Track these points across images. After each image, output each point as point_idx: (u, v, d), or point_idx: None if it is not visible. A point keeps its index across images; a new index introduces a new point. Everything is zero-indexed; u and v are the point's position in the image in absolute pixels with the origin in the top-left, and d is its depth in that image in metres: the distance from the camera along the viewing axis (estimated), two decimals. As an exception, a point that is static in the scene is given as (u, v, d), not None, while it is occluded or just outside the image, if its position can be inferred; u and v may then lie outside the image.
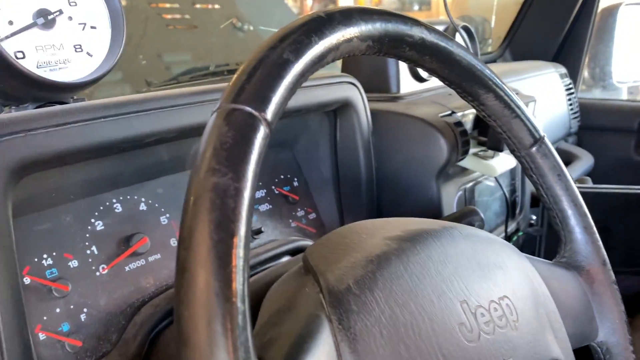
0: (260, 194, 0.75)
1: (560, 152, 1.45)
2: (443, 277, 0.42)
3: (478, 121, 0.89)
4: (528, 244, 1.12)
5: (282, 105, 0.34)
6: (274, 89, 0.33)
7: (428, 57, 0.47)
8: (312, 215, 0.81)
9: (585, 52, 1.74)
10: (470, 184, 0.89)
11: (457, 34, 0.94)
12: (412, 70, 0.92)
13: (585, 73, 1.81)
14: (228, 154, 0.30)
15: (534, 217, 1.14)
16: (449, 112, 0.85)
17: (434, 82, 0.96)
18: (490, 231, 0.97)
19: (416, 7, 4.60)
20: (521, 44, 1.78)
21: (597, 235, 0.62)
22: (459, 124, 0.82)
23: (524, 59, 1.71)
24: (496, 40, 1.88)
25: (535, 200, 1.15)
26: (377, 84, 0.90)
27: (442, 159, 0.79)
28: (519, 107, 0.57)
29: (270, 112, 0.32)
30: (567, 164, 1.47)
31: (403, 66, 0.90)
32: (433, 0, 4.66)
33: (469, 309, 0.42)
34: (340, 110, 0.78)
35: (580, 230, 0.61)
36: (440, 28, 0.94)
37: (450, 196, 0.84)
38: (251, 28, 1.87)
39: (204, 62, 1.54)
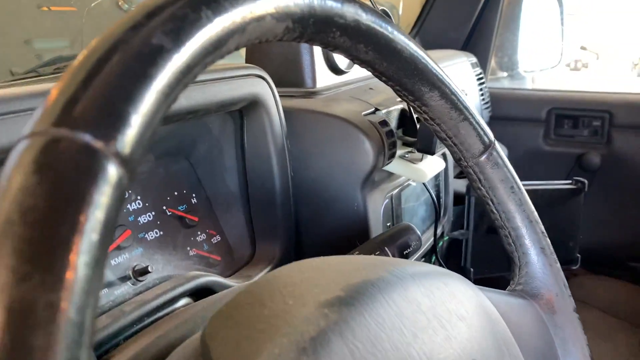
0: (146, 218, 0.59)
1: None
2: (402, 352, 0.30)
3: (403, 119, 0.78)
4: (453, 249, 1.05)
5: (151, 125, 0.20)
6: (134, 99, 0.19)
7: (363, 45, 0.35)
8: (216, 239, 0.66)
9: (494, 41, 1.71)
10: (396, 190, 0.79)
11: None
12: (328, 60, 0.79)
13: (493, 62, 1.79)
14: (37, 238, 0.15)
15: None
16: (372, 109, 0.73)
17: (352, 74, 0.84)
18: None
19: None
20: (430, 32, 1.72)
21: (555, 256, 0.53)
22: (384, 123, 0.71)
23: (434, 47, 1.65)
24: (405, 28, 1.81)
25: (458, 199, 1.08)
26: (289, 77, 0.76)
27: (368, 165, 0.68)
28: (467, 109, 0.46)
29: (127, 142, 0.18)
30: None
31: (318, 55, 0.77)
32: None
33: None
34: (247, 109, 0.64)
35: (537, 252, 0.53)
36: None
37: (377, 206, 0.73)
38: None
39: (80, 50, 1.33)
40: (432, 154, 0.73)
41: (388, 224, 0.76)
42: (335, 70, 0.80)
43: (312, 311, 0.30)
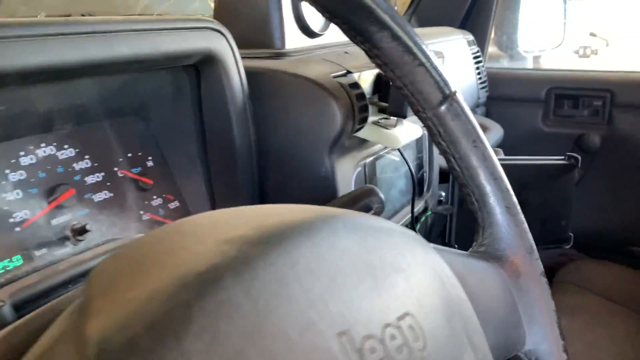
0: (95, 178, 0.56)
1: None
2: (311, 298, 0.26)
3: (378, 84, 0.74)
4: (437, 225, 1.01)
5: None
6: None
7: None
8: (174, 204, 0.63)
9: (492, 20, 1.66)
10: (371, 158, 0.75)
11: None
12: (300, 20, 0.75)
13: (492, 45, 1.74)
14: None
15: (443, 194, 1.03)
16: (344, 71, 0.70)
17: (327, 38, 0.80)
18: (395, 212, 0.83)
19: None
20: (427, 9, 1.68)
21: (522, 217, 0.50)
22: (355, 85, 0.67)
23: (431, 25, 1.60)
24: (401, 6, 1.76)
25: (445, 176, 1.04)
26: (257, 38, 0.73)
27: (335, 129, 0.64)
28: (423, 53, 0.43)
29: None
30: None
31: (288, 15, 0.73)
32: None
33: (352, 345, 0.27)
34: (202, 65, 0.60)
35: (502, 211, 0.49)
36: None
37: (347, 174, 0.69)
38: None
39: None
40: (404, 116, 0.69)
41: (360, 193, 0.72)
42: (308, 32, 0.76)
43: (209, 247, 0.26)
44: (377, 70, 0.74)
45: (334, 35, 0.81)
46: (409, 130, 0.73)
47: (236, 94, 0.62)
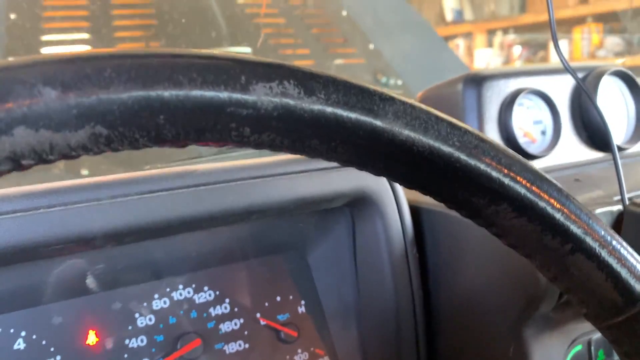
0: (230, 325, 0.52)
1: None
2: None
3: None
4: None
5: None
6: None
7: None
8: (323, 361, 0.54)
9: None
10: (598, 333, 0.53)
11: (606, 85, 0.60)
12: (510, 142, 0.60)
13: None
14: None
15: None
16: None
17: (550, 160, 0.62)
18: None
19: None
20: None
21: None
22: None
23: None
24: None
25: None
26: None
27: (535, 288, 0.46)
28: (586, 230, 0.27)
29: None
30: None
31: (492, 134, 0.58)
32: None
33: None
34: (353, 207, 0.51)
35: None
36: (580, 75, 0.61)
37: (554, 356, 0.49)
38: (399, 83, 1.64)
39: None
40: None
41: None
42: (522, 153, 0.59)
43: None
44: (617, 206, 0.53)
45: (563, 155, 0.62)
46: None
47: (394, 240, 0.50)
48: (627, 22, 3.36)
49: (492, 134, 0.59)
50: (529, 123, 0.61)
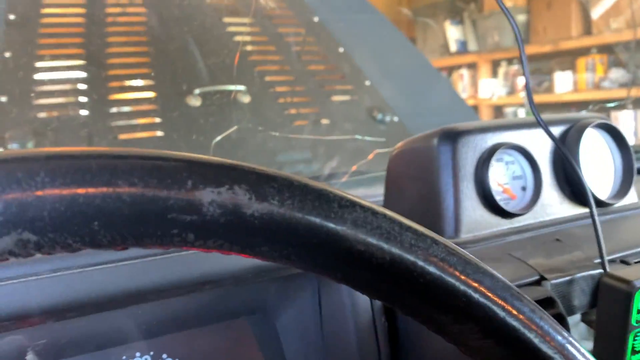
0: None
1: None
2: None
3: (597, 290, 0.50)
4: None
5: None
6: None
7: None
8: None
9: None
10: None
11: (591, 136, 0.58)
12: (487, 199, 0.57)
13: None
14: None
15: None
16: (535, 277, 0.49)
17: (533, 216, 0.59)
18: None
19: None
20: None
21: None
22: (548, 301, 0.46)
23: None
24: None
25: None
26: (424, 221, 0.58)
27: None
28: None
29: None
30: None
31: (468, 190, 0.56)
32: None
33: None
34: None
35: None
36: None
37: None
38: (396, 119, 1.62)
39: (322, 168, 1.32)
40: None
41: None
42: (499, 212, 0.57)
43: None
44: (597, 270, 0.50)
45: (545, 212, 0.60)
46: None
47: (361, 308, 0.48)
48: (631, 53, 3.35)
49: (469, 191, 0.56)
50: (508, 179, 0.59)
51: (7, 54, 1.23)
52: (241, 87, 1.42)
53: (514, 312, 0.22)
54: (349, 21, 1.76)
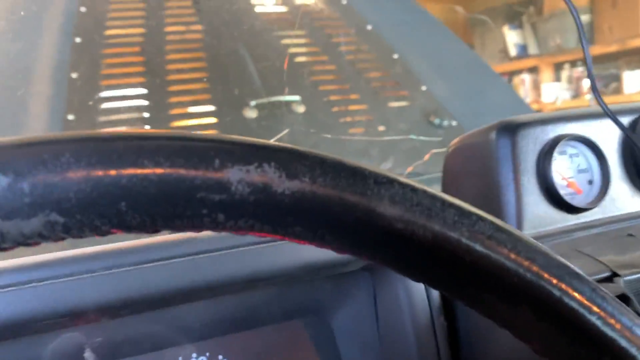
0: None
1: None
2: None
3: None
4: None
5: None
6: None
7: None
8: None
9: None
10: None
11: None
12: (551, 193, 0.54)
13: None
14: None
15: None
16: (607, 273, 0.46)
17: (600, 212, 0.56)
18: None
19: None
20: None
21: None
22: (622, 298, 0.43)
23: None
24: None
25: None
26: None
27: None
28: None
29: None
30: None
31: (530, 184, 0.54)
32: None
33: None
34: (374, 271, 0.47)
35: None
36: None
37: None
38: (454, 123, 1.59)
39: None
40: None
41: None
42: (565, 206, 0.54)
43: None
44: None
45: (614, 206, 0.56)
46: None
47: (418, 307, 0.46)
48: None
49: (531, 186, 0.54)
50: (573, 172, 0.56)
51: (74, 75, 1.30)
52: (296, 97, 1.44)
53: (572, 292, 0.20)
54: (402, 27, 1.75)
